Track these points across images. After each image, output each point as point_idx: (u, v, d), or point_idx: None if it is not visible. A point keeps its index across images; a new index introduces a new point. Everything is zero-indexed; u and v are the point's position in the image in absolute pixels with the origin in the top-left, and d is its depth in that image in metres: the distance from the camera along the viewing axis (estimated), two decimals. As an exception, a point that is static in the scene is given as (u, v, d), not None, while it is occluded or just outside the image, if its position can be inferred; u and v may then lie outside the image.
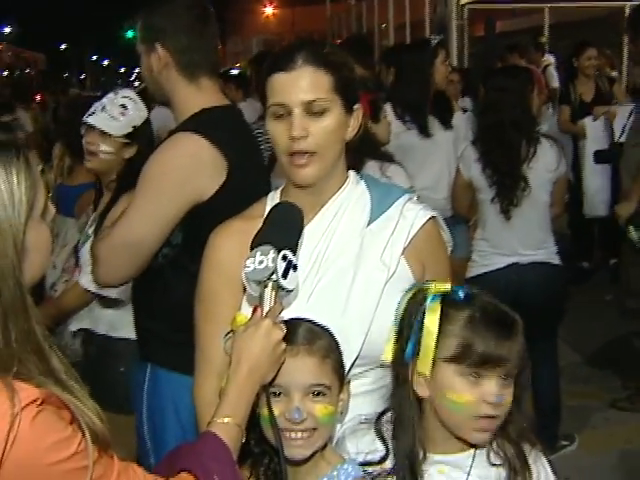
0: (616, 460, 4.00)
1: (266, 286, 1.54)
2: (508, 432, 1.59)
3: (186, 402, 1.93)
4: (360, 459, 1.63)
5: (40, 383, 1.23)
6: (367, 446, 1.65)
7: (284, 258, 1.55)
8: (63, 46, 49.75)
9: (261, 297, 1.55)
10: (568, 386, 4.62)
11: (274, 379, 1.55)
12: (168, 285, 2.39)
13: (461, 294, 1.61)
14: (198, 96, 2.44)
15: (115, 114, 3.01)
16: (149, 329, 2.49)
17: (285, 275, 1.54)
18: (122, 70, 57.35)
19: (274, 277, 1.53)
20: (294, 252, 1.58)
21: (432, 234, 1.85)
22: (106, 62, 63.32)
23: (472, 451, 1.59)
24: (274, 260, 1.53)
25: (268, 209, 1.82)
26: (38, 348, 1.27)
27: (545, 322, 4.00)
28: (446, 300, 1.61)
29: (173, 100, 2.47)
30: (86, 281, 3.06)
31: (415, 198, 1.90)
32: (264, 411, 1.56)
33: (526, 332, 4.08)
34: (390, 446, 1.61)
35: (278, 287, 1.55)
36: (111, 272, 2.38)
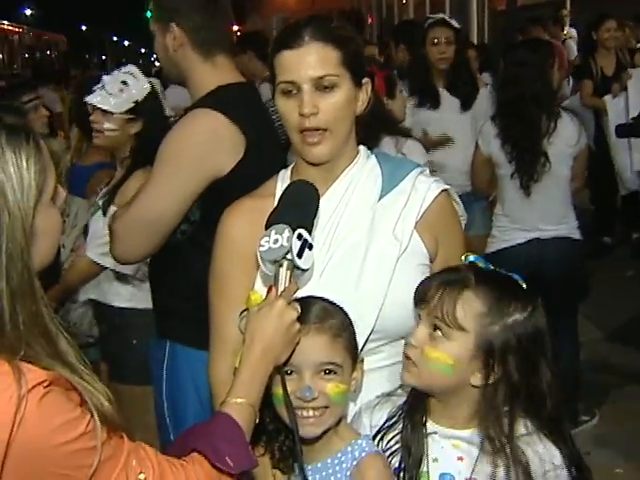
0: (637, 435, 3.98)
1: (281, 265, 1.53)
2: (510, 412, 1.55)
3: (206, 379, 1.93)
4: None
5: (48, 365, 1.24)
6: (382, 420, 1.65)
7: (299, 237, 1.53)
8: (84, 27, 49.79)
9: (276, 277, 1.54)
10: (588, 361, 4.60)
11: (289, 359, 1.55)
12: (187, 262, 2.40)
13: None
14: (214, 74, 2.44)
15: (114, 91, 3.04)
16: (168, 306, 2.50)
17: (300, 254, 1.53)
18: (143, 51, 57.34)
19: (289, 256, 1.52)
20: (309, 231, 1.58)
21: (445, 207, 1.84)
22: (127, 43, 63.33)
23: (475, 429, 1.57)
24: (289, 239, 1.52)
25: (279, 187, 1.83)
26: (46, 331, 1.27)
27: (566, 297, 3.99)
28: None
29: (189, 78, 2.48)
30: (94, 253, 3.10)
31: (427, 171, 1.88)
32: (277, 390, 1.56)
33: (547, 307, 4.08)
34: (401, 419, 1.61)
35: (293, 267, 1.54)
36: (129, 249, 2.40)
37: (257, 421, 1.49)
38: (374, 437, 1.64)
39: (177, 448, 1.43)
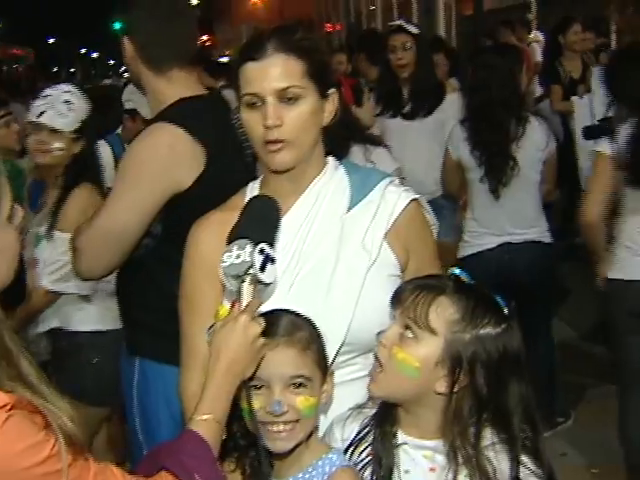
0: (612, 435, 3.99)
1: (244, 280, 1.53)
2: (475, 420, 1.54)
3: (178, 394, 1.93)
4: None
5: (10, 388, 1.21)
6: (354, 433, 1.63)
7: (261, 252, 1.53)
8: (51, 40, 49.53)
9: (239, 292, 1.54)
10: (564, 363, 4.62)
11: (254, 373, 1.54)
12: (153, 276, 2.39)
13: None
14: (170, 88, 2.44)
15: (63, 110, 3.05)
16: (137, 321, 2.49)
17: (263, 269, 1.53)
18: (112, 62, 57.15)
19: (252, 271, 1.52)
20: (272, 245, 1.57)
21: (415, 216, 1.83)
22: (95, 55, 63.09)
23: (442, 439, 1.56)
24: (251, 254, 1.51)
25: (247, 200, 1.81)
26: (6, 353, 1.25)
27: (538, 300, 4.01)
28: None
29: (147, 91, 2.50)
30: (47, 282, 3.08)
31: (397, 181, 1.87)
32: (245, 405, 1.55)
33: (520, 310, 4.08)
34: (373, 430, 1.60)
35: (256, 281, 1.54)
36: (93, 264, 2.39)
37: (224, 437, 1.48)
38: (346, 450, 1.62)
39: (145, 466, 1.42)
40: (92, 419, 3.14)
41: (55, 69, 39.11)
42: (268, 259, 1.54)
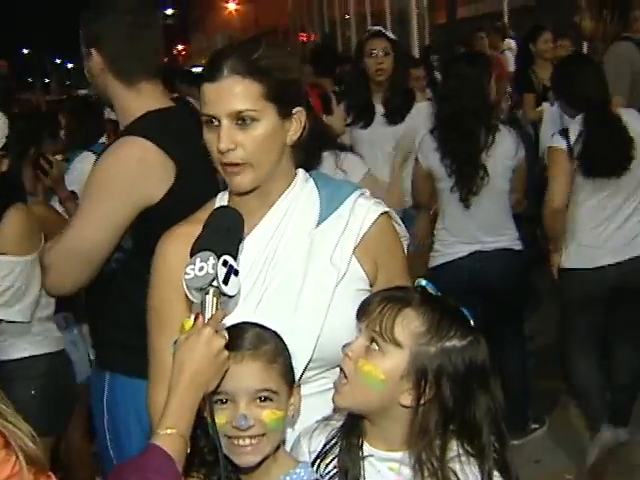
0: (587, 441, 4.02)
1: (207, 293, 1.53)
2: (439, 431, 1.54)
3: None
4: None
5: None
6: (321, 445, 1.64)
7: (224, 264, 1.53)
8: (25, 51, 49.26)
9: (202, 304, 1.53)
10: (537, 369, 4.65)
11: (218, 386, 1.53)
12: (124, 291, 2.38)
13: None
14: (138, 100, 2.43)
15: None
16: (108, 337, 2.47)
17: (226, 281, 1.53)
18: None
19: (215, 283, 1.52)
20: (235, 257, 1.57)
21: (385, 230, 1.82)
22: (70, 65, 62.75)
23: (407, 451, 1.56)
24: (214, 266, 1.51)
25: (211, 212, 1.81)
26: None
27: (510, 307, 4.05)
28: None
29: (115, 104, 2.48)
30: None
31: (367, 193, 1.86)
32: (209, 419, 1.54)
33: (491, 317, 4.12)
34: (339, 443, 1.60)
35: (220, 293, 1.53)
36: (62, 279, 2.39)
37: (189, 451, 1.48)
38: (313, 462, 1.62)
39: None
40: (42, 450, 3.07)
41: (30, 80, 38.85)
42: (231, 271, 1.54)
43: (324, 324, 1.70)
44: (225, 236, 1.59)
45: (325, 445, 1.62)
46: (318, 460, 1.62)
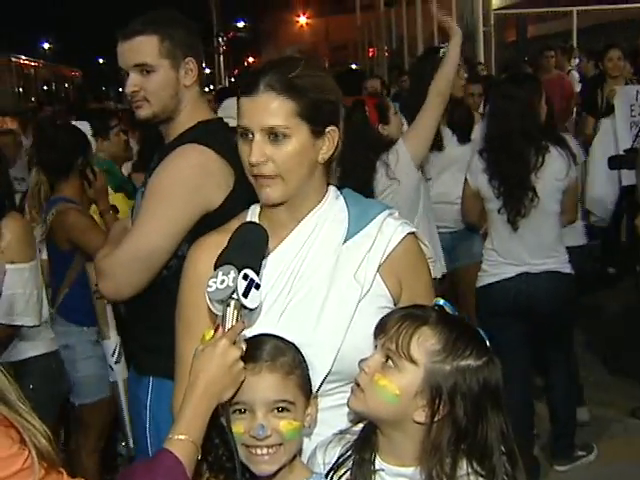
0: (635, 470, 3.94)
1: (228, 305, 1.57)
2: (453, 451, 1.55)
3: None
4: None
5: None
6: (336, 457, 1.66)
7: (245, 277, 1.57)
8: (101, 60, 50.42)
9: (223, 316, 1.57)
10: (587, 395, 4.56)
11: (234, 396, 1.57)
12: (174, 296, 2.38)
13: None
14: (202, 109, 2.52)
15: None
16: (153, 343, 2.47)
17: (246, 294, 1.56)
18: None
19: (235, 296, 1.56)
20: (257, 271, 1.60)
21: (411, 250, 1.84)
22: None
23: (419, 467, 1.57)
24: (235, 280, 1.55)
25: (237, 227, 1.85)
26: None
27: (556, 331, 3.99)
28: None
29: (180, 115, 2.48)
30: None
31: (396, 214, 1.88)
32: (234, 428, 1.58)
33: (538, 341, 4.03)
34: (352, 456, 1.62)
35: (240, 306, 1.57)
36: (122, 285, 2.38)
37: (199, 457, 1.52)
38: (327, 474, 1.65)
39: None
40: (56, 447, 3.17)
41: (103, 88, 39.74)
42: (252, 285, 1.57)
43: (345, 338, 1.72)
44: (248, 251, 1.63)
45: (339, 458, 1.65)
46: (331, 472, 1.64)
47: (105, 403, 3.68)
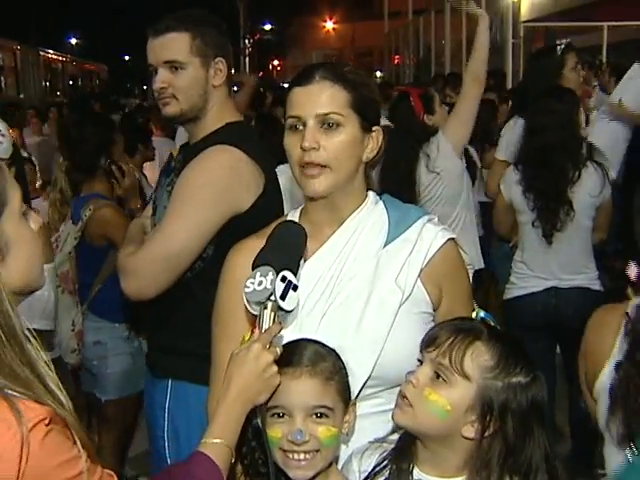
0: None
1: (265, 307, 1.56)
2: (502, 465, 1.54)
3: None
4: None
5: (38, 398, 1.24)
6: (372, 466, 1.65)
7: (283, 279, 1.56)
8: (126, 57, 50.73)
9: (260, 317, 1.57)
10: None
11: (269, 400, 1.57)
12: (195, 298, 2.37)
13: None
14: (230, 110, 2.50)
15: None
16: (175, 345, 2.45)
17: (284, 296, 1.56)
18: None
19: (272, 298, 1.55)
20: (295, 272, 1.60)
21: (450, 256, 1.84)
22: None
23: (464, 477, 1.56)
24: (273, 282, 1.55)
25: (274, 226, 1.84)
26: (34, 369, 1.28)
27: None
28: None
29: (208, 115, 2.46)
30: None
31: (436, 219, 1.88)
32: (270, 432, 1.58)
33: (564, 355, 3.97)
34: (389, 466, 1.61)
35: (277, 308, 1.56)
36: (147, 284, 2.34)
37: (233, 460, 1.52)
38: None
39: None
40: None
41: (128, 85, 39.95)
42: (290, 286, 1.57)
43: (385, 343, 1.71)
44: (286, 251, 1.62)
45: (375, 467, 1.63)
46: None
47: (131, 400, 3.68)
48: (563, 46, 4.73)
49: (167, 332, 2.51)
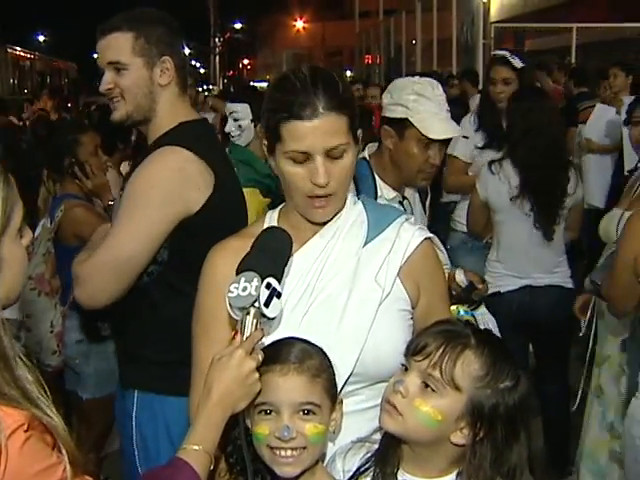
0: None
1: (248, 313, 1.56)
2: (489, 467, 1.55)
3: (180, 424, 1.90)
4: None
5: (17, 404, 1.22)
6: (356, 465, 1.65)
7: (268, 286, 1.56)
8: (95, 55, 50.15)
9: (242, 323, 1.56)
10: (581, 410, 4.56)
11: (260, 398, 1.58)
12: (155, 305, 2.33)
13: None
14: (183, 109, 2.45)
15: None
16: (136, 355, 2.41)
17: (267, 303, 1.55)
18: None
19: (256, 305, 1.54)
20: (279, 279, 1.59)
21: (428, 254, 1.88)
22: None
23: (454, 475, 1.59)
24: (257, 288, 1.54)
25: (266, 226, 1.85)
26: (13, 376, 1.26)
27: (556, 344, 4.00)
28: None
29: (157, 115, 2.41)
30: None
31: (412, 219, 1.92)
32: (257, 430, 1.59)
33: (537, 353, 3.99)
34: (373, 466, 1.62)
35: (260, 314, 1.56)
36: (98, 292, 2.27)
37: (212, 468, 1.52)
38: None
39: None
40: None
41: (97, 83, 39.53)
42: (274, 293, 1.56)
43: (366, 340, 1.73)
44: (272, 258, 1.62)
45: (359, 468, 1.64)
46: None
47: (111, 399, 3.67)
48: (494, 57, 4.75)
49: (126, 340, 2.47)
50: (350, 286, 1.77)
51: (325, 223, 1.82)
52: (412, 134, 2.70)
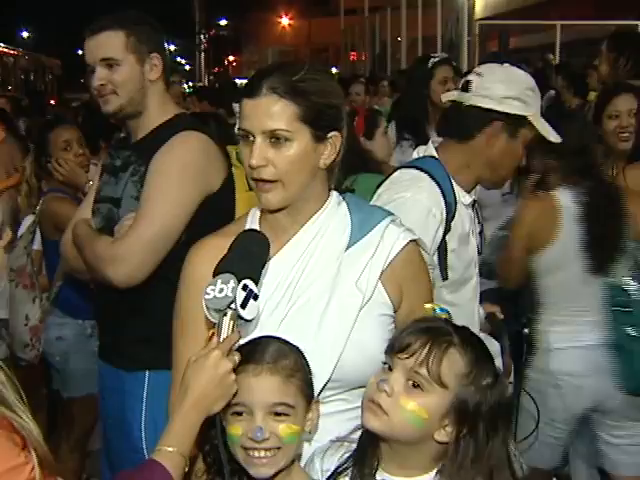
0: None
1: (225, 314, 1.54)
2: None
3: None
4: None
5: None
6: (334, 465, 1.63)
7: (244, 288, 1.54)
8: (80, 52, 50.02)
9: (219, 325, 1.55)
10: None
11: (237, 399, 1.55)
12: (172, 283, 2.33)
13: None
14: (170, 104, 2.61)
15: None
16: (151, 334, 2.42)
17: (244, 305, 1.54)
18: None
19: (233, 306, 1.53)
20: (256, 282, 1.58)
21: (412, 257, 1.83)
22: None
23: (433, 473, 1.57)
24: (234, 290, 1.53)
25: (248, 226, 1.82)
26: None
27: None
28: None
29: (148, 109, 2.54)
30: None
31: (399, 221, 1.86)
32: (231, 430, 1.57)
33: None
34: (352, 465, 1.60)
35: (237, 316, 1.54)
36: (137, 269, 2.35)
37: (186, 470, 1.50)
38: None
39: None
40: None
41: (82, 80, 39.45)
42: (251, 295, 1.55)
43: (345, 346, 1.70)
44: (249, 260, 1.60)
45: (337, 468, 1.62)
46: None
47: (93, 399, 3.64)
48: (436, 59, 4.72)
49: (141, 321, 2.49)
50: (330, 291, 1.74)
51: (304, 223, 1.78)
52: (525, 134, 2.45)
